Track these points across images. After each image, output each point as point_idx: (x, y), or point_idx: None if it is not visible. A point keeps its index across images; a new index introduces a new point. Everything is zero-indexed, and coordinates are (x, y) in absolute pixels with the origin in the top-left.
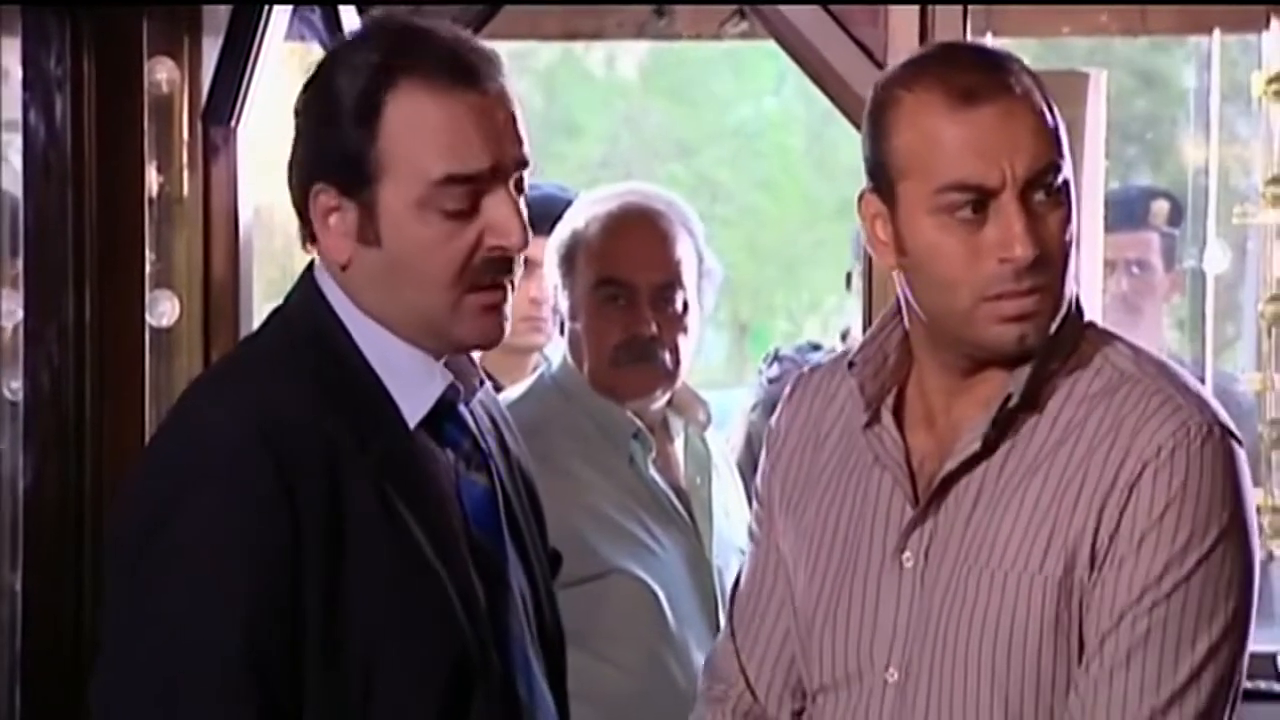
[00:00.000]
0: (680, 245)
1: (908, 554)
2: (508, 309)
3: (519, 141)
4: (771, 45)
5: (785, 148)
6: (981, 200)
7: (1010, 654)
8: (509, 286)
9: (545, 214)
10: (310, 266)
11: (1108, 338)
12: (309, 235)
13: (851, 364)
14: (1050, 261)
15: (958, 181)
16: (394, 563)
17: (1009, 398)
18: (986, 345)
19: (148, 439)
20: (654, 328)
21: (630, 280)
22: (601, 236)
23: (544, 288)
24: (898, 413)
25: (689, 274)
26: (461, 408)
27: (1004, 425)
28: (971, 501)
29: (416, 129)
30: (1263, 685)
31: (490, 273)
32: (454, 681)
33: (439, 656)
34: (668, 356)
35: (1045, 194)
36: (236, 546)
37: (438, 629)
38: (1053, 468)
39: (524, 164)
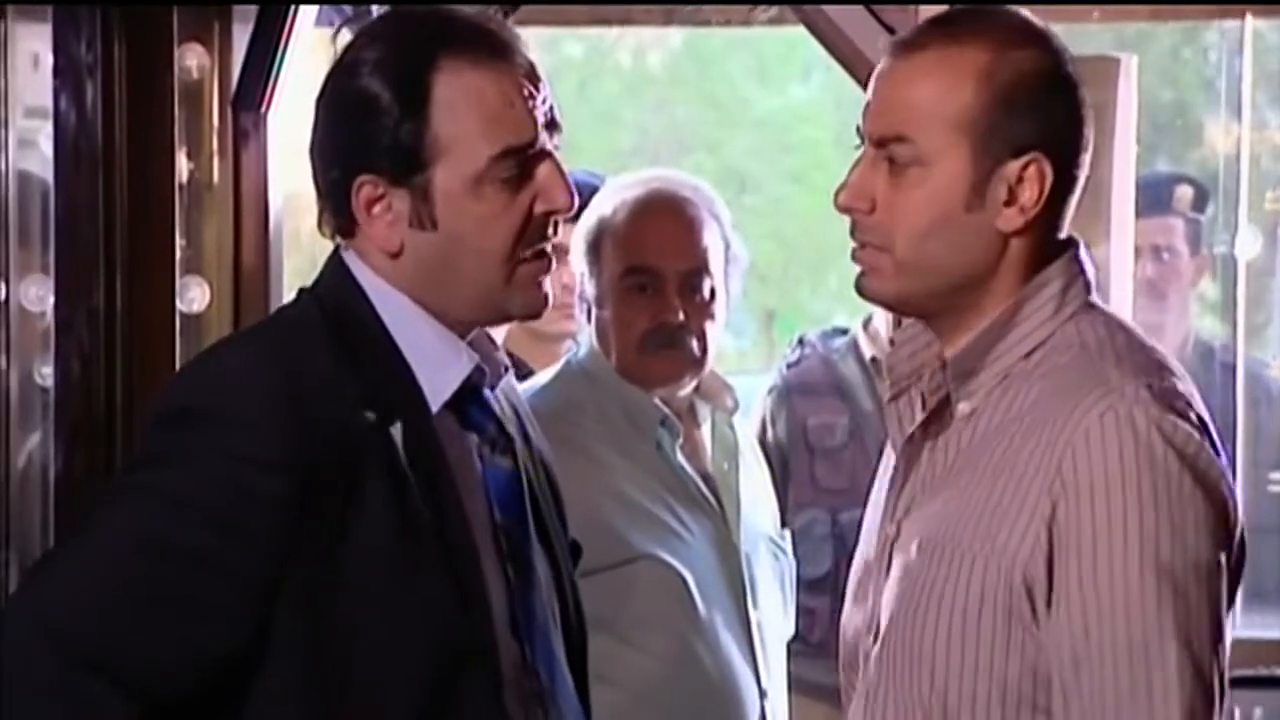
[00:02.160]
0: (707, 232)
1: (890, 524)
2: (549, 280)
3: (553, 107)
4: (799, 33)
5: (813, 138)
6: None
7: (938, 628)
8: (553, 257)
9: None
10: (336, 250)
11: (1101, 318)
12: (345, 226)
13: (891, 342)
14: (881, 224)
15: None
16: (394, 538)
17: (945, 366)
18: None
19: None
20: (681, 315)
21: (658, 268)
22: (628, 224)
23: (574, 274)
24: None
25: (716, 261)
26: (487, 392)
27: (973, 397)
28: (935, 472)
29: (469, 106)
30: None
31: (539, 239)
32: (438, 660)
33: (421, 635)
34: (695, 343)
35: (889, 162)
36: (227, 490)
37: (426, 608)
38: (999, 445)
39: (559, 128)
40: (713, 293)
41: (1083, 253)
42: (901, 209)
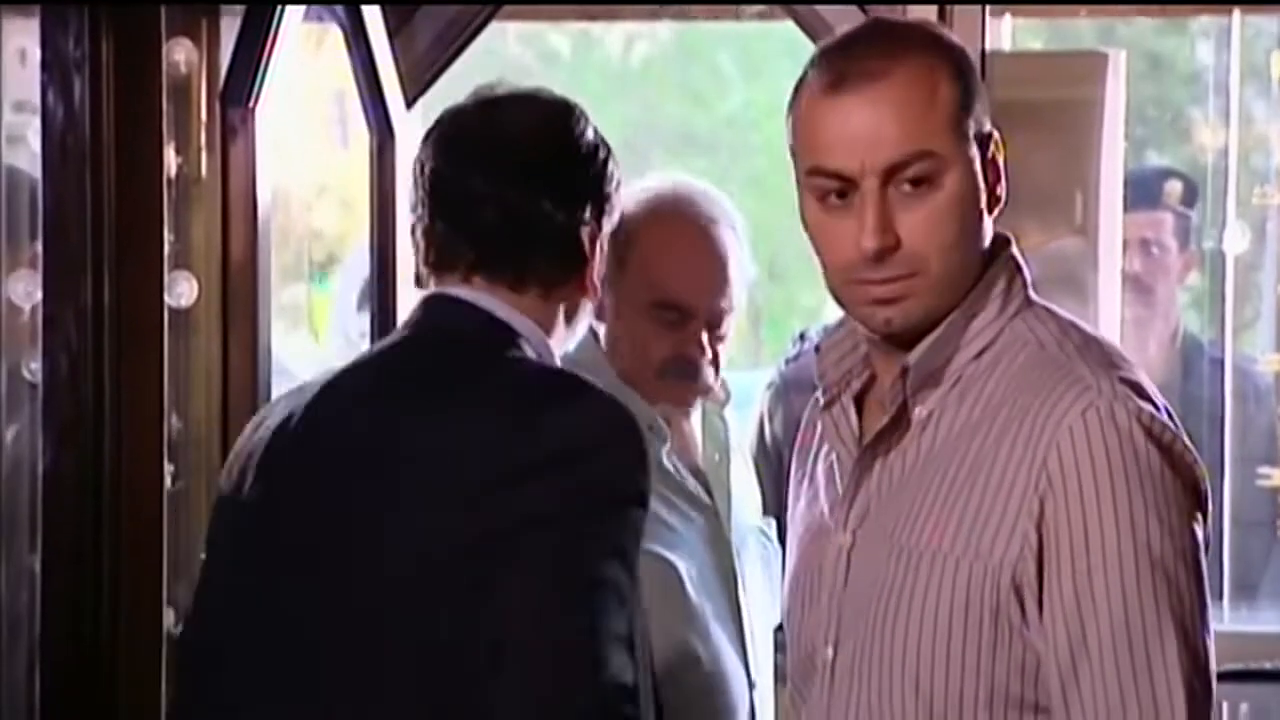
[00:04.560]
0: (733, 262)
1: (844, 533)
2: None
3: None
4: (787, 27)
5: None
6: (845, 188)
7: (921, 634)
8: None
9: None
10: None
11: (1046, 315)
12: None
13: (818, 349)
14: (915, 251)
15: (816, 167)
16: None
17: (906, 372)
18: (862, 323)
19: (167, 419)
20: (705, 350)
21: (690, 305)
22: (659, 252)
23: None
24: (866, 397)
25: (740, 288)
26: None
27: (927, 402)
28: (893, 479)
29: None
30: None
31: None
32: None
33: None
34: (711, 371)
35: (911, 185)
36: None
37: None
38: (969, 448)
39: None
40: (730, 315)
41: (1015, 248)
42: (930, 226)
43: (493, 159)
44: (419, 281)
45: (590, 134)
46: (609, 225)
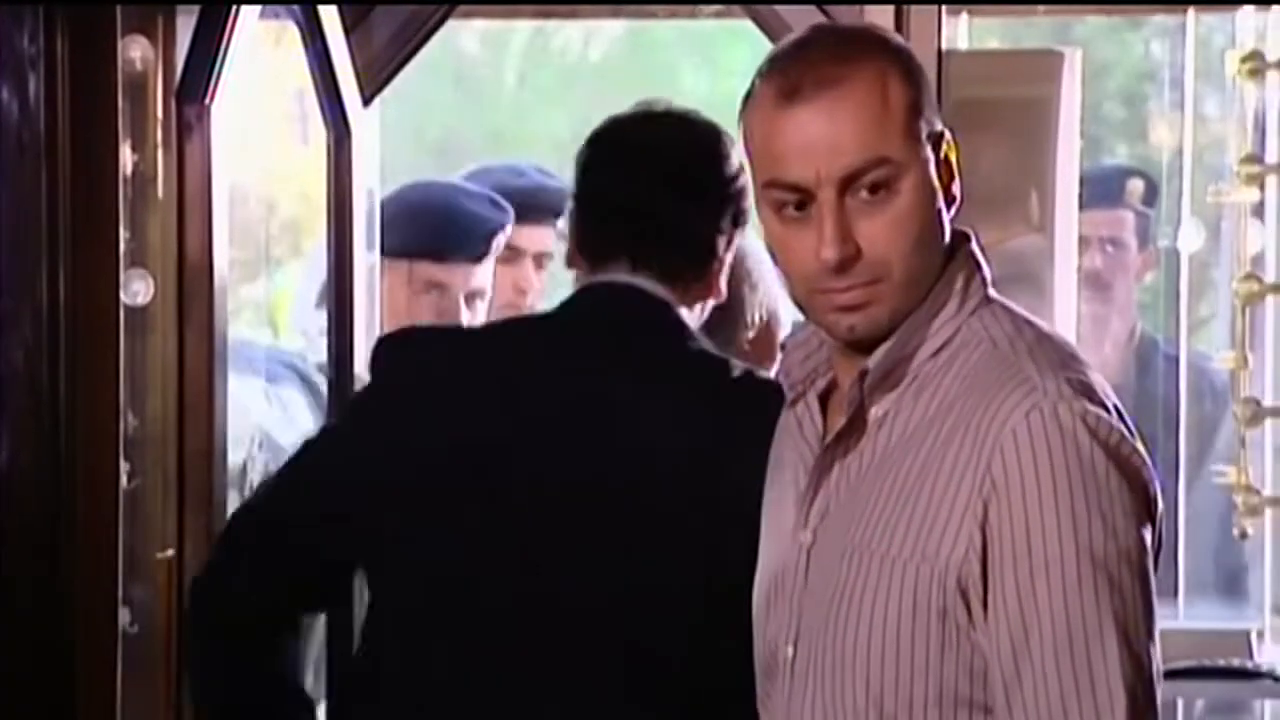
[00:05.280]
0: None
1: (805, 531)
2: None
3: None
4: (745, 25)
5: None
6: (802, 199)
7: (871, 635)
8: None
9: (538, 204)
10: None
11: (1002, 312)
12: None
13: (783, 346)
14: (876, 258)
15: (773, 179)
16: None
17: (865, 374)
18: (826, 331)
19: (123, 417)
20: None
21: None
22: None
23: (528, 276)
24: (831, 396)
25: None
26: None
27: (883, 402)
28: (850, 479)
29: None
30: (1236, 663)
31: None
32: None
33: None
34: None
35: (869, 192)
36: None
37: None
38: (920, 449)
39: None
40: None
41: (975, 244)
42: (890, 233)
43: (650, 165)
44: (570, 264)
45: (735, 156)
46: (740, 236)
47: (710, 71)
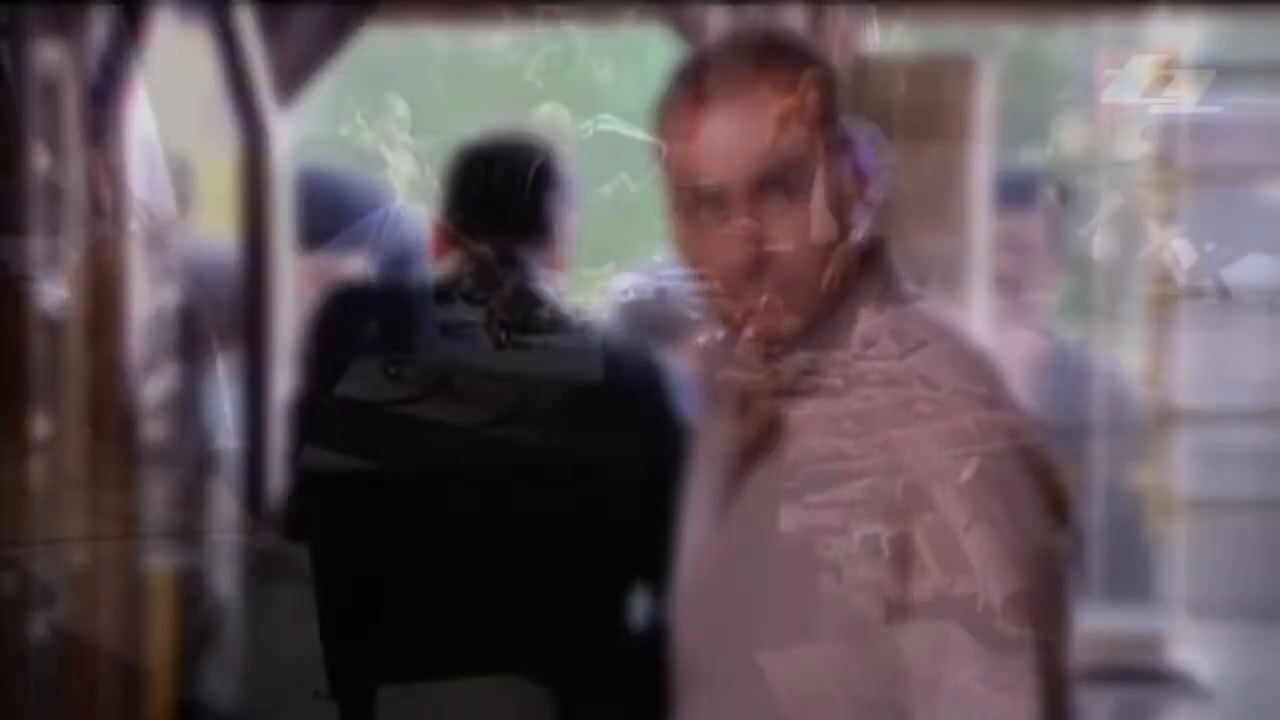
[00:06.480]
0: None
1: (722, 534)
2: None
3: None
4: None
5: None
6: (714, 203)
7: (785, 639)
8: None
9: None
10: None
11: (917, 315)
12: None
13: (704, 350)
14: (788, 261)
15: (685, 182)
16: None
17: (780, 376)
18: (740, 333)
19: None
20: None
21: None
22: None
23: None
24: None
25: None
26: None
27: (801, 405)
28: (766, 482)
29: None
30: (1150, 662)
31: None
32: None
33: None
34: None
35: (782, 195)
36: None
37: None
38: (835, 453)
39: None
40: None
41: (889, 247)
42: (802, 236)
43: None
44: None
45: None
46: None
47: (630, 77)
